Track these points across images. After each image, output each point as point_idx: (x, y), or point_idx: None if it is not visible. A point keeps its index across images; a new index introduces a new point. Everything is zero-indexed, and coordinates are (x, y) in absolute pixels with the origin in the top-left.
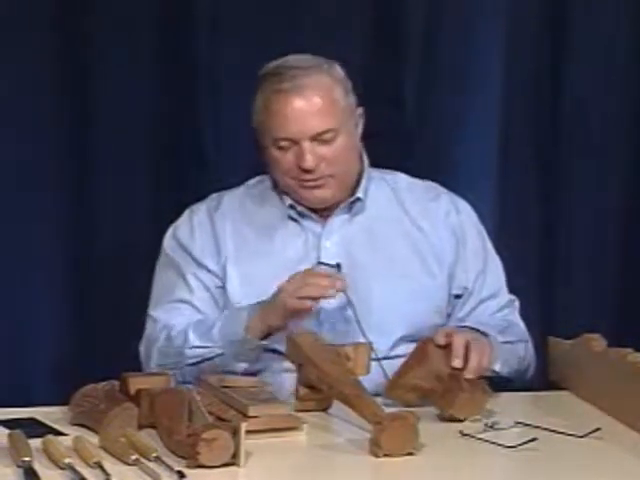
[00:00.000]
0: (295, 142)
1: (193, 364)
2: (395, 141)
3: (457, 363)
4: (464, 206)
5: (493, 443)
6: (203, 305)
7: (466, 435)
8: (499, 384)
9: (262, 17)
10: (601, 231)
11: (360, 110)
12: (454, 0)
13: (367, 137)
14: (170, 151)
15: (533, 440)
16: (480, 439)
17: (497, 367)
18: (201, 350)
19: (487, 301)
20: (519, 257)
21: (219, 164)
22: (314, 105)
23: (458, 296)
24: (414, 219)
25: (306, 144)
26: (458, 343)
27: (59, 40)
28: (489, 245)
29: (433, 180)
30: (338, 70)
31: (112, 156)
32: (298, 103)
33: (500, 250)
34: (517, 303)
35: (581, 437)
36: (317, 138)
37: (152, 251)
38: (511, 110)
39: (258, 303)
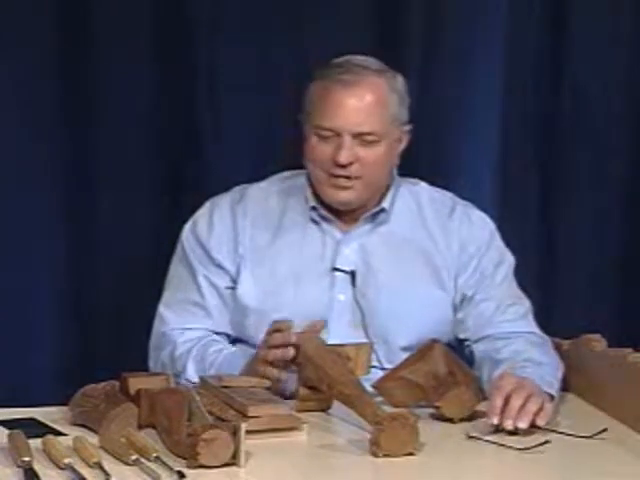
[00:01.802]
0: (338, 135)
1: None
2: None
3: (496, 420)
4: (478, 217)
5: (502, 445)
6: (215, 309)
7: (472, 437)
8: None
9: (262, 17)
10: (601, 231)
11: (408, 127)
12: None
13: None
14: (170, 151)
15: (546, 442)
16: (487, 441)
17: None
18: None
19: (508, 308)
20: (519, 256)
21: (219, 164)
22: (367, 104)
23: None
24: (432, 235)
25: (347, 139)
26: (515, 403)
27: (59, 40)
28: (505, 257)
29: (433, 179)
30: (399, 81)
31: (112, 156)
32: (353, 97)
33: None
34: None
35: (589, 438)
36: (359, 137)
37: (152, 251)
38: (512, 108)
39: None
